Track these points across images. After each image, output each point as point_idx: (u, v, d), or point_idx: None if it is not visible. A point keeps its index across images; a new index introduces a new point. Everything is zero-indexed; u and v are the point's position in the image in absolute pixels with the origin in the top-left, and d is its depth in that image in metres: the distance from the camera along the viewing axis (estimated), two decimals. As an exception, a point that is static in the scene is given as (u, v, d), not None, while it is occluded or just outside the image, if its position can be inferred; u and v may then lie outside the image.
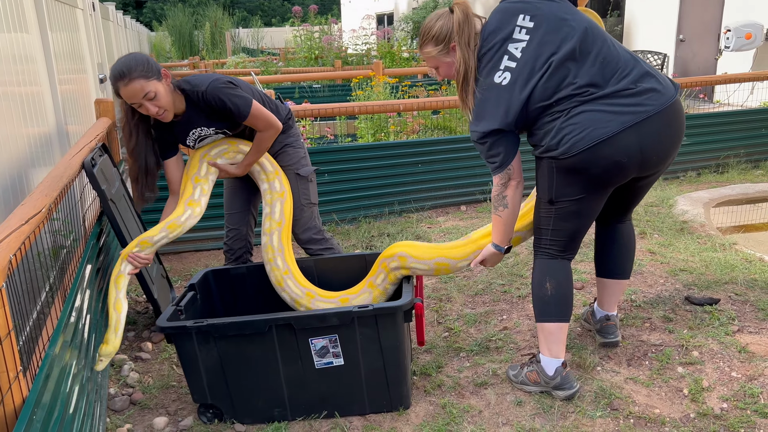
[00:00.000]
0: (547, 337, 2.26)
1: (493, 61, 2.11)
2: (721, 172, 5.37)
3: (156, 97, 2.33)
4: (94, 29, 6.70)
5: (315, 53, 11.40)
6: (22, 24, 3.20)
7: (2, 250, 1.44)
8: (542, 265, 2.27)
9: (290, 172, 2.77)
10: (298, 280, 2.59)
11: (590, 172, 2.06)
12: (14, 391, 1.36)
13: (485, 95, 2.12)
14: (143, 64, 2.32)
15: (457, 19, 2.13)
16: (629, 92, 2.02)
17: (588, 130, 2.01)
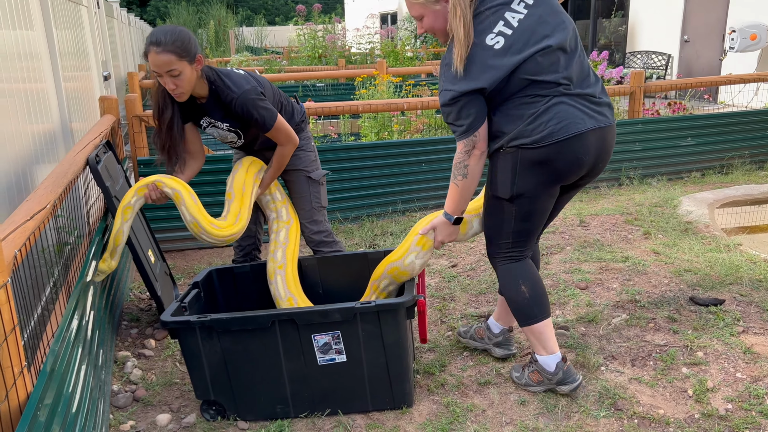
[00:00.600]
0: (538, 338, 2.27)
1: (487, 22, 2.03)
2: (725, 173, 5.35)
3: (179, 76, 2.34)
4: (99, 27, 6.70)
5: (318, 52, 11.40)
6: (28, 21, 3.20)
7: (7, 246, 1.44)
8: (510, 270, 2.26)
9: (301, 176, 2.77)
10: (288, 280, 2.59)
11: (555, 165, 2.08)
12: (18, 386, 1.36)
13: (471, 54, 2.01)
14: (183, 41, 2.32)
15: None
16: (595, 100, 2.12)
17: (565, 122, 2.04)
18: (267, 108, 2.50)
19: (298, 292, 2.61)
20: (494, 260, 2.29)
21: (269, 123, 2.51)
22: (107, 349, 2.51)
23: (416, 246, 2.33)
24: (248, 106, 2.45)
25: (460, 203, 2.19)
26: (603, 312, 2.89)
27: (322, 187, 2.83)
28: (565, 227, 3.99)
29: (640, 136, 5.07)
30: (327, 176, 3.05)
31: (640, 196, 4.68)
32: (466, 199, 2.18)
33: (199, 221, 2.41)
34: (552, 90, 2.04)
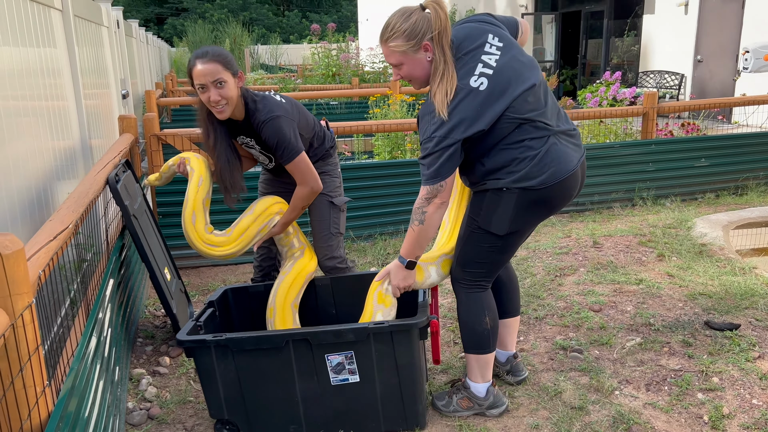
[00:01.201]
0: (482, 367, 2.32)
1: (467, 66, 2.05)
2: (740, 194, 5.33)
3: (224, 86, 2.38)
4: (118, 46, 6.82)
5: (332, 70, 11.50)
6: (51, 39, 3.28)
7: (31, 266, 1.47)
8: (478, 299, 2.29)
9: (324, 199, 2.79)
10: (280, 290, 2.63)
11: (552, 202, 2.16)
12: (40, 405, 1.38)
13: (460, 99, 2.02)
14: (227, 56, 2.42)
15: (438, 16, 2.02)
16: (572, 133, 2.20)
17: (562, 163, 2.11)
18: (290, 140, 2.48)
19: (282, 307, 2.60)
20: (460, 285, 2.30)
21: (288, 156, 2.51)
22: (123, 366, 2.54)
23: (378, 305, 2.32)
24: (271, 133, 2.47)
25: (415, 248, 2.18)
26: (617, 335, 2.88)
27: (342, 214, 2.84)
28: (578, 248, 3.99)
29: (654, 157, 5.07)
30: (348, 203, 3.05)
31: (654, 217, 4.67)
32: (421, 245, 2.18)
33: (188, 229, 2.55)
34: (545, 130, 2.10)
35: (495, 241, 2.19)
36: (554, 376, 2.59)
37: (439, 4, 2.04)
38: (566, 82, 14.30)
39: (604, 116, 5.21)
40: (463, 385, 2.37)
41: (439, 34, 2.03)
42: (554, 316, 3.12)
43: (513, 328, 2.54)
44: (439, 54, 2.03)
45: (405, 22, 2.04)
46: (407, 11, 2.07)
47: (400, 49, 2.06)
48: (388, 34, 2.07)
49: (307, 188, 2.59)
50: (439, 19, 2.02)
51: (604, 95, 6.67)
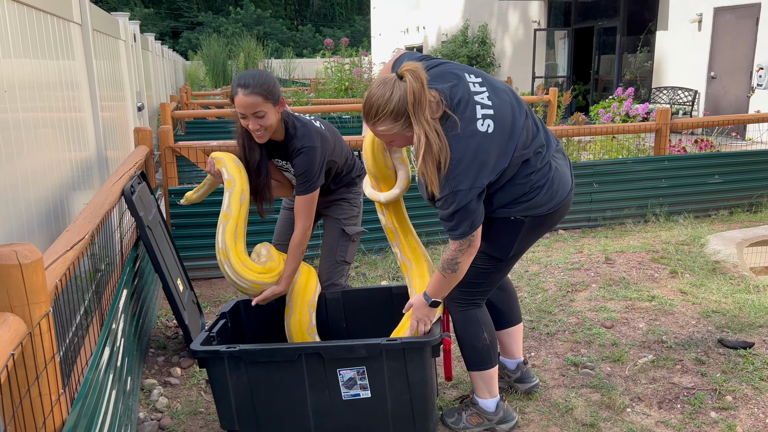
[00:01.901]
0: (487, 382, 2.32)
1: (467, 112, 1.98)
2: (754, 211, 5.29)
3: (264, 117, 2.39)
4: (135, 59, 6.93)
5: (345, 84, 11.58)
6: (70, 51, 3.34)
7: (49, 276, 1.49)
8: (474, 316, 2.29)
9: (336, 225, 2.78)
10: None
11: (554, 223, 2.21)
12: (55, 413, 1.39)
13: (470, 145, 1.94)
14: (270, 85, 2.39)
15: (412, 88, 1.91)
16: (559, 148, 2.23)
17: (564, 185, 2.16)
18: (315, 174, 2.49)
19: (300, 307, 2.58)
20: (455, 305, 2.29)
21: (305, 188, 2.49)
22: (135, 376, 2.55)
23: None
24: (302, 162, 2.47)
25: (443, 292, 2.15)
26: (629, 352, 2.86)
27: (352, 244, 2.81)
28: (590, 264, 3.97)
29: (667, 173, 5.05)
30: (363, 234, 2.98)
31: (667, 233, 4.64)
32: (450, 288, 2.15)
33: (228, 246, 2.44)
34: (545, 156, 2.12)
35: (495, 263, 2.22)
36: (565, 393, 2.57)
37: (416, 74, 1.93)
38: (579, 98, 14.30)
39: (616, 132, 5.21)
40: (472, 402, 2.37)
41: (414, 106, 1.92)
42: (566, 332, 3.10)
43: (518, 336, 2.54)
44: (417, 126, 1.93)
45: (389, 104, 1.94)
46: (386, 90, 1.95)
47: (388, 131, 2.00)
48: (373, 116, 1.98)
49: (301, 228, 2.53)
50: (414, 92, 1.91)
51: (617, 111, 6.67)
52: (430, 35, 19.68)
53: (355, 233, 2.82)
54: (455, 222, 1.98)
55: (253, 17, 40.15)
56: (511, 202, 2.09)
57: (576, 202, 4.94)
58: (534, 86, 14.25)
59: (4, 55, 2.15)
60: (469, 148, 1.94)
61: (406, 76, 1.93)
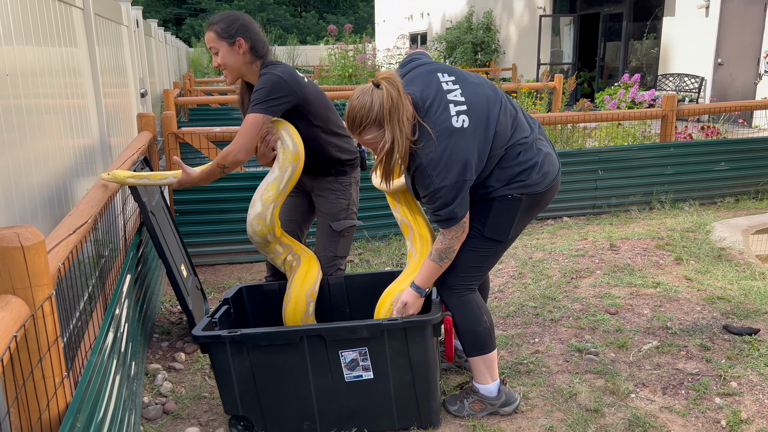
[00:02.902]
0: (489, 366, 2.33)
1: (441, 111, 2.05)
2: (760, 198, 5.26)
3: (218, 55, 2.48)
4: (137, 45, 6.90)
5: (349, 71, 11.53)
6: (73, 38, 3.32)
7: (51, 259, 1.49)
8: (472, 301, 2.30)
9: (325, 222, 2.71)
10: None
11: (546, 203, 2.26)
12: (59, 395, 1.40)
13: (448, 143, 2.02)
14: (226, 23, 2.48)
15: (390, 96, 1.98)
16: (542, 132, 2.29)
17: (552, 164, 2.22)
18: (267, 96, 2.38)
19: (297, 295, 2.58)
20: (453, 292, 2.29)
21: (253, 105, 2.39)
22: (139, 361, 2.56)
23: None
24: (259, 82, 2.43)
25: (432, 281, 2.23)
26: (633, 338, 2.86)
27: (343, 239, 2.71)
28: (595, 251, 3.96)
29: (672, 160, 5.02)
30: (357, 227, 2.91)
31: (672, 220, 4.62)
32: (437, 276, 2.23)
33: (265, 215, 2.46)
34: (531, 137, 2.18)
35: (493, 246, 2.25)
36: (569, 378, 2.57)
37: (392, 82, 2.00)
38: (584, 85, 14.21)
39: (622, 119, 5.17)
40: (472, 390, 2.36)
41: (390, 112, 1.98)
42: (570, 318, 3.10)
43: None
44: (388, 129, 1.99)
45: (370, 112, 1.99)
46: (365, 100, 2.00)
47: (374, 140, 2.05)
48: (358, 128, 2.04)
49: (233, 148, 2.42)
50: (391, 98, 1.98)
51: (623, 98, 6.62)
52: (435, 21, 19.55)
53: (344, 228, 2.70)
54: (445, 214, 2.07)
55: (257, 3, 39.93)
56: (506, 183, 2.15)
57: (581, 189, 4.91)
58: (539, 73, 14.15)
59: (6, 42, 2.13)
60: (448, 146, 2.01)
61: (382, 84, 2.00)
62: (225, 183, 4.03)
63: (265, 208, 2.47)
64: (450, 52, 16.54)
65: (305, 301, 2.58)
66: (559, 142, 5.83)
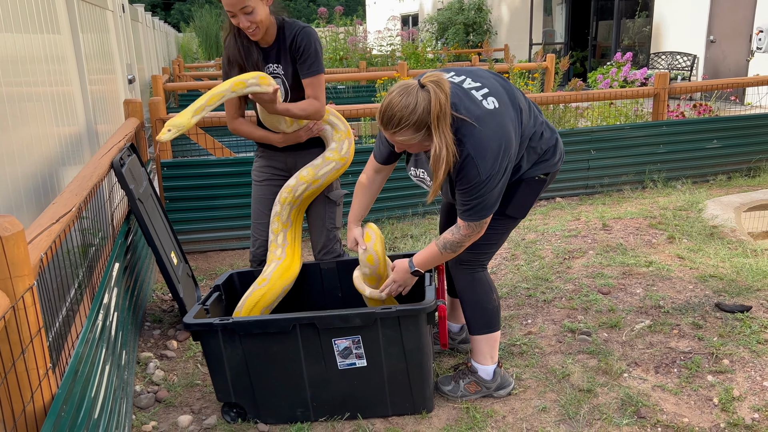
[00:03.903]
0: (492, 346, 2.34)
1: (466, 100, 2.00)
2: (752, 175, 5.25)
3: (252, 13, 2.34)
4: (124, 30, 6.80)
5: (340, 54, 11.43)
6: (55, 25, 3.26)
7: (33, 249, 1.46)
8: (484, 278, 2.32)
9: (321, 194, 2.70)
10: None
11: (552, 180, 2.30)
12: (43, 387, 1.38)
13: (489, 127, 1.96)
14: None
15: (438, 101, 1.90)
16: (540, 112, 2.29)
17: (560, 142, 2.27)
18: (319, 55, 2.49)
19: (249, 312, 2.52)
20: (466, 267, 2.30)
21: (316, 67, 2.48)
22: (130, 349, 2.54)
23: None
24: (308, 40, 2.46)
25: (430, 266, 2.23)
26: (626, 318, 2.86)
27: (338, 208, 2.75)
28: (587, 231, 3.95)
29: (665, 139, 5.00)
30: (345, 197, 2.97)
31: (665, 199, 4.61)
32: (436, 265, 2.23)
33: None
34: (541, 117, 2.21)
35: (510, 223, 2.28)
36: (562, 359, 2.57)
37: (440, 85, 1.92)
38: (576, 65, 14.14)
39: (614, 98, 5.14)
40: (470, 370, 2.36)
41: (438, 119, 1.91)
42: (562, 299, 3.09)
43: None
44: (439, 138, 1.92)
45: (413, 115, 1.91)
46: (409, 101, 1.91)
47: (407, 142, 1.99)
48: (395, 127, 1.95)
49: (316, 105, 2.50)
50: (439, 103, 1.90)
51: (615, 77, 6.58)
52: (426, 2, 19.37)
53: (339, 197, 2.77)
54: (478, 206, 2.02)
55: (246, -13, 39.39)
56: (534, 164, 2.18)
57: (573, 169, 4.90)
58: (531, 53, 14.07)
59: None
60: (490, 130, 1.96)
61: (429, 86, 1.91)
62: (215, 169, 4.00)
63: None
64: (441, 34, 16.41)
65: (277, 294, 2.52)
66: (552, 122, 5.80)
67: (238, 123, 2.63)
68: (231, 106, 2.60)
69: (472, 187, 1.99)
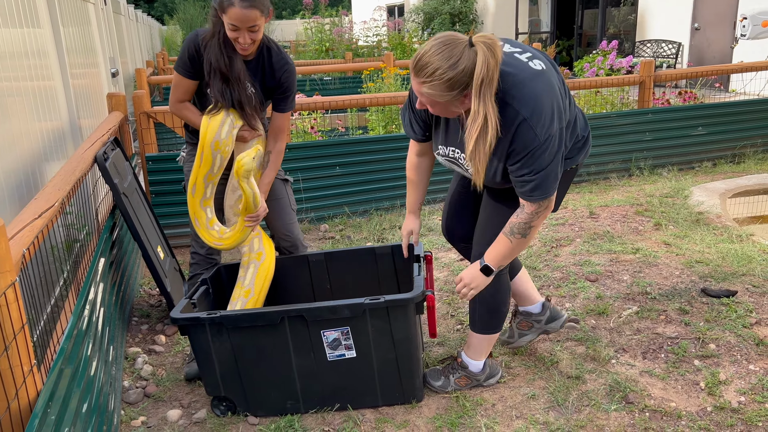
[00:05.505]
0: (488, 346, 2.32)
1: (515, 60, 1.84)
2: (737, 162, 5.30)
3: (257, 31, 2.32)
4: (106, 23, 6.72)
5: (326, 45, 11.37)
6: (35, 19, 3.21)
7: (15, 245, 1.44)
8: (506, 281, 2.24)
9: (278, 179, 2.67)
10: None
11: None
12: (28, 384, 1.36)
13: (539, 87, 1.79)
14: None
15: (486, 64, 1.69)
16: None
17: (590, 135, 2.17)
18: (294, 94, 2.56)
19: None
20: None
21: (292, 104, 2.55)
22: (118, 345, 2.53)
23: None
24: (293, 77, 2.51)
25: (506, 260, 2.03)
26: (613, 304, 2.88)
27: (290, 185, 2.78)
28: (575, 219, 3.97)
29: (651, 126, 5.02)
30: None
31: (651, 186, 4.64)
32: (513, 256, 2.03)
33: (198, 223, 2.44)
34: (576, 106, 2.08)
35: None
36: (551, 346, 2.58)
37: (492, 48, 1.70)
38: (563, 53, 14.16)
39: (600, 86, 5.15)
40: (461, 365, 2.33)
41: (482, 84, 1.70)
42: (550, 287, 3.11)
43: (527, 278, 2.47)
44: (479, 105, 1.72)
45: (451, 70, 1.70)
46: (453, 54, 1.70)
47: (435, 98, 1.77)
48: (426, 77, 1.73)
49: (284, 144, 2.58)
50: (487, 66, 1.69)
51: (601, 65, 6.59)
52: (412, -7, 19.28)
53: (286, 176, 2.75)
54: (540, 180, 1.84)
55: (230, -21, 39.02)
56: (572, 149, 2.04)
57: (560, 158, 4.90)
58: (517, 43, 14.04)
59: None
60: (541, 90, 1.79)
61: (479, 46, 1.70)
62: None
63: None
64: (428, 24, 16.36)
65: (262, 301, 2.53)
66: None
67: (184, 107, 2.51)
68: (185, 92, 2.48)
69: (530, 154, 1.79)
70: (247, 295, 2.48)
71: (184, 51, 2.43)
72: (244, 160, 2.24)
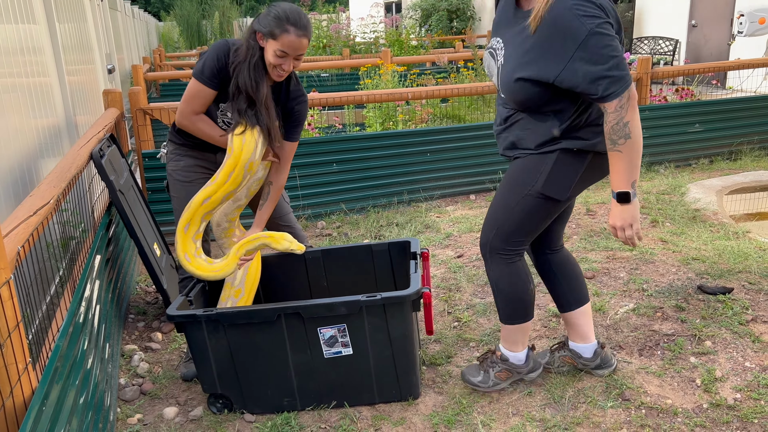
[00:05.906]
0: (525, 334, 2.24)
1: None
2: (733, 159, 5.30)
3: (301, 59, 2.33)
4: (102, 19, 6.69)
5: (323, 42, 11.35)
6: (30, 15, 3.19)
7: (10, 242, 1.44)
8: (521, 268, 2.14)
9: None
10: None
11: (607, 169, 2.02)
12: (23, 383, 1.36)
13: None
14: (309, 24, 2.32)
15: None
16: None
17: None
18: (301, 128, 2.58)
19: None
20: (500, 257, 2.12)
21: (299, 135, 2.55)
22: (114, 342, 2.52)
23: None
24: (306, 109, 2.51)
25: (632, 171, 1.85)
26: (610, 301, 2.88)
27: None
28: (571, 216, 3.97)
29: (648, 123, 5.03)
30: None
31: (648, 183, 4.64)
32: (635, 163, 1.84)
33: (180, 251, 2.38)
34: None
35: (550, 207, 2.03)
36: (548, 344, 2.59)
37: None
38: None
39: (597, 83, 5.14)
40: (501, 359, 2.27)
41: None
42: (547, 284, 3.11)
43: (590, 316, 2.31)
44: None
45: None
46: None
47: None
48: None
49: (285, 177, 2.53)
50: None
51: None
52: (409, -11, 19.25)
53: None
54: (606, 71, 1.76)
55: (227, -25, 38.96)
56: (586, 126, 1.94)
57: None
58: (515, 39, 14.03)
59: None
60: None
61: None
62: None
63: None
64: (425, 20, 16.34)
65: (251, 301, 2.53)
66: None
67: (200, 119, 2.41)
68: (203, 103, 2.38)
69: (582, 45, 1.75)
70: (238, 295, 2.48)
71: (212, 59, 2.30)
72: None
